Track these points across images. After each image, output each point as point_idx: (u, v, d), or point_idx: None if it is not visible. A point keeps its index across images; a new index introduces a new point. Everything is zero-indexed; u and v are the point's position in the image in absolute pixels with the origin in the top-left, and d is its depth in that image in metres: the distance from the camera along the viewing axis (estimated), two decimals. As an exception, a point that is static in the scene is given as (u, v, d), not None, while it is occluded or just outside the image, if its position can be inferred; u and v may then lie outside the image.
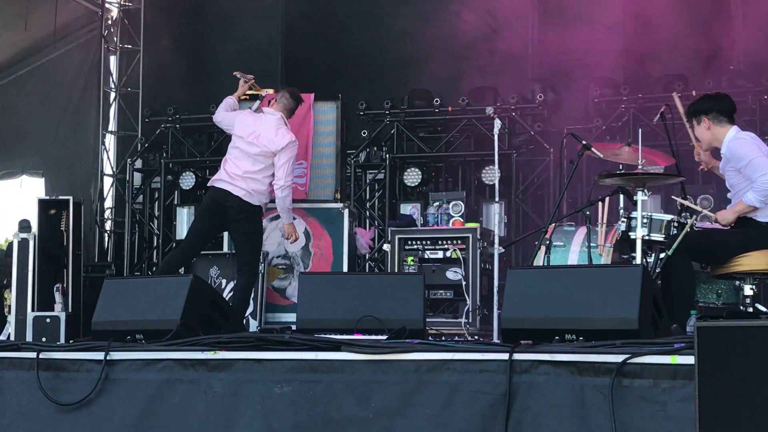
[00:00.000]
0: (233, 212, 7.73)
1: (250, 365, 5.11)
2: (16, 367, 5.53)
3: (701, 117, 6.50)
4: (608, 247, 6.68)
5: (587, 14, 10.49)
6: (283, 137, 7.78)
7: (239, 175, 7.75)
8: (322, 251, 8.51)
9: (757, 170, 6.15)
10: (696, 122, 6.56)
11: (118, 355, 5.34)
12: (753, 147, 6.28)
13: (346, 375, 4.96)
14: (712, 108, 6.50)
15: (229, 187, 7.75)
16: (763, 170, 6.13)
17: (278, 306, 8.46)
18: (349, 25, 11.27)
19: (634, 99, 9.87)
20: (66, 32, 11.75)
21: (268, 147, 7.75)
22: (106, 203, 11.94)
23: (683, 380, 4.33)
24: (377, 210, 10.75)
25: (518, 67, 10.77)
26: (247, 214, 7.75)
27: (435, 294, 7.99)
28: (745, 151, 6.26)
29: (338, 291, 6.13)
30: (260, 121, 7.91)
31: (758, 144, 6.38)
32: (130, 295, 6.01)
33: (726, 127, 6.45)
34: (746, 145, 6.30)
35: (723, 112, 6.49)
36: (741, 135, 6.41)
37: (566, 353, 4.62)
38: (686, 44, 9.87)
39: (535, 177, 10.18)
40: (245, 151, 7.80)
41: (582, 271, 5.56)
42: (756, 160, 6.18)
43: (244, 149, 7.81)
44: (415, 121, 10.72)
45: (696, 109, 6.56)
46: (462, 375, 4.76)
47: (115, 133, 12.14)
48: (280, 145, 7.73)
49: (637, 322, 4.82)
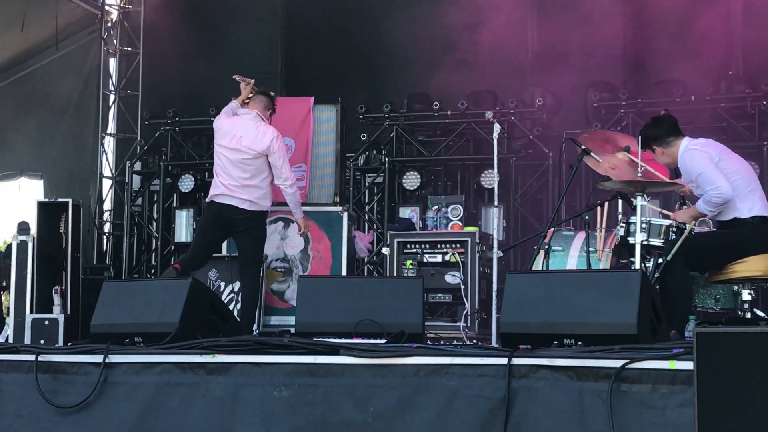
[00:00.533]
0: (242, 224, 7.69)
1: (248, 369, 5.10)
2: (14, 370, 5.52)
3: (652, 146, 6.55)
4: (607, 252, 6.68)
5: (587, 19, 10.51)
6: (264, 134, 7.71)
7: (238, 186, 7.68)
8: (321, 254, 8.52)
9: (707, 183, 6.23)
10: (652, 152, 6.58)
11: (117, 358, 5.33)
12: (703, 159, 6.31)
13: (345, 379, 4.95)
14: (657, 135, 6.55)
15: (232, 201, 7.67)
16: (713, 183, 6.19)
17: (277, 309, 8.46)
18: (349, 28, 11.28)
19: (633, 104, 9.89)
20: (66, 34, 11.75)
21: (253, 148, 7.69)
22: (104, 205, 11.94)
23: (682, 385, 4.34)
24: (376, 213, 10.75)
25: (517, 71, 10.78)
26: (256, 222, 7.73)
27: (434, 297, 7.99)
28: (695, 165, 6.32)
29: (337, 294, 6.12)
30: (237, 124, 7.84)
31: (709, 151, 6.36)
32: (128, 298, 6.01)
33: (676, 145, 6.49)
34: (696, 157, 6.34)
35: (666, 133, 6.53)
36: (691, 146, 6.43)
37: (565, 358, 4.62)
38: (685, 49, 9.88)
39: (534, 181, 10.19)
40: (231, 159, 7.72)
41: (581, 275, 5.56)
42: (705, 174, 6.25)
43: (231, 157, 7.73)
44: (414, 125, 10.73)
45: (644, 141, 6.55)
46: (461, 379, 4.75)
47: (115, 135, 12.14)
48: (265, 144, 7.67)
49: (635, 327, 4.82)
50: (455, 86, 10.60)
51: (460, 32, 10.39)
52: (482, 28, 10.52)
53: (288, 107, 8.69)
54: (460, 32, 10.39)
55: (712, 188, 6.19)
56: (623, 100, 9.93)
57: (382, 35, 11.20)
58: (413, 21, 10.97)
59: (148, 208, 11.50)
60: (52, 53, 11.74)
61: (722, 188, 6.18)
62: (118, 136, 12.13)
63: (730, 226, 6.35)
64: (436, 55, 10.80)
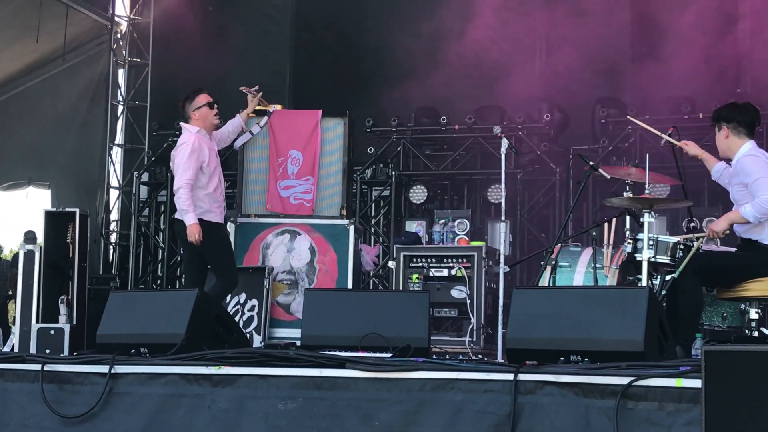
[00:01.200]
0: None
1: (254, 381, 5.10)
2: (20, 379, 5.52)
3: (722, 124, 6.46)
4: (614, 269, 6.67)
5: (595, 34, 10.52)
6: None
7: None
8: (327, 267, 8.51)
9: (762, 189, 6.13)
10: (717, 129, 6.52)
11: (123, 369, 5.33)
12: (764, 166, 6.25)
13: (351, 392, 4.94)
14: (734, 117, 6.46)
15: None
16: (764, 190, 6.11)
17: (282, 321, 8.45)
18: (357, 42, 11.30)
19: (641, 120, 9.86)
20: (75, 45, 11.79)
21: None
22: (111, 216, 11.95)
23: (688, 403, 4.32)
24: (382, 227, 10.76)
25: (525, 86, 10.79)
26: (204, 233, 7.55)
27: (439, 312, 7.99)
28: (756, 169, 6.23)
29: (343, 307, 6.11)
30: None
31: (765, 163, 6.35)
32: (135, 308, 6.01)
33: (743, 140, 6.41)
34: (758, 162, 6.27)
35: (744, 123, 6.44)
36: (755, 152, 6.37)
37: (571, 374, 4.61)
38: (693, 66, 9.89)
39: (541, 196, 10.20)
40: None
41: (588, 292, 5.55)
42: (763, 180, 6.16)
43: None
44: (421, 139, 10.75)
45: (719, 115, 6.51)
46: (466, 394, 4.74)
47: (122, 146, 12.17)
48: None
49: (642, 344, 4.81)
50: (463, 101, 10.62)
51: (469, 47, 10.40)
52: (490, 43, 10.54)
53: (296, 120, 8.71)
54: (469, 47, 10.40)
55: (765, 194, 6.08)
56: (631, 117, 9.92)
57: (390, 49, 11.21)
58: (421, 35, 10.99)
59: (155, 218, 11.53)
60: (61, 64, 11.78)
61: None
62: (125, 146, 12.15)
63: (749, 246, 6.30)
64: (444, 70, 10.81)
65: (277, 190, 8.60)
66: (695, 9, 10.02)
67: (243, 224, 8.55)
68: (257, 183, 8.68)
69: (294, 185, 8.63)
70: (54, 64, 11.82)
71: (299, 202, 8.59)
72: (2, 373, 5.57)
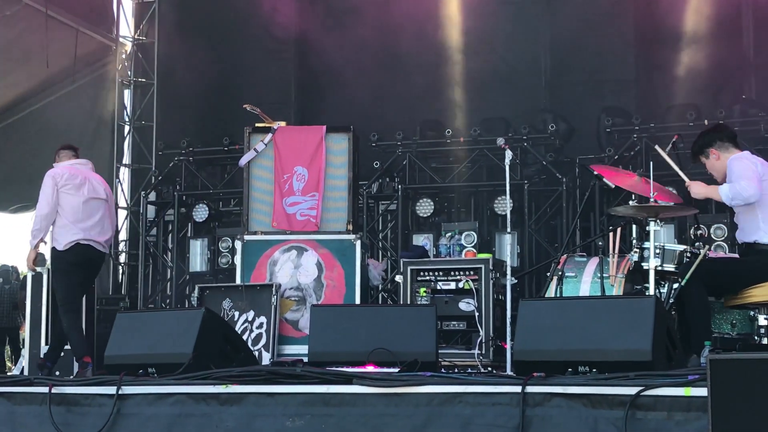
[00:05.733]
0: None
1: (262, 399, 5.09)
2: (28, 402, 5.52)
3: (708, 150, 6.47)
4: (620, 278, 6.64)
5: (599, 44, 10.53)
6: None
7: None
8: (335, 283, 8.49)
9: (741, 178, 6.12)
10: (705, 158, 6.52)
11: (130, 390, 5.33)
12: (747, 165, 6.24)
13: (359, 408, 4.93)
14: (714, 138, 6.49)
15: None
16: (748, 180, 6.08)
17: (291, 338, 8.42)
18: (360, 57, 11.32)
19: (646, 128, 9.88)
20: (81, 66, 11.84)
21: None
22: (120, 236, 11.97)
23: (697, 412, 4.31)
24: (390, 241, 10.76)
25: (530, 97, 10.80)
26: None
27: (447, 325, 7.95)
28: (738, 167, 6.23)
29: (350, 323, 6.11)
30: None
31: (756, 163, 6.30)
32: (142, 329, 6.01)
33: (734, 152, 6.43)
34: (742, 162, 6.27)
35: (726, 138, 6.46)
36: (742, 155, 6.38)
37: (579, 385, 4.60)
38: (698, 73, 9.89)
39: (548, 207, 10.18)
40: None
41: (595, 302, 5.54)
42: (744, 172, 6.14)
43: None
44: (426, 152, 10.75)
45: (700, 145, 6.52)
46: (474, 408, 4.73)
47: (129, 166, 12.21)
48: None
49: (650, 353, 4.80)
50: (467, 113, 10.63)
51: (472, 59, 10.43)
52: (495, 55, 10.56)
53: (301, 136, 8.70)
54: (472, 59, 10.43)
55: (746, 183, 6.07)
56: (636, 125, 9.92)
57: (393, 63, 11.25)
58: (425, 49, 11.02)
59: (163, 238, 11.54)
60: (68, 85, 11.83)
61: (753, 188, 6.06)
62: (132, 166, 12.19)
63: (751, 251, 6.28)
64: (448, 83, 10.83)
65: (282, 207, 8.59)
66: (699, 17, 10.03)
67: (249, 242, 8.53)
68: (263, 200, 8.66)
69: (300, 201, 8.61)
70: (60, 85, 11.87)
71: (305, 219, 8.57)
72: (10, 396, 5.58)
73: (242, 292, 8.40)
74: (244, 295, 8.35)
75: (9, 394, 5.58)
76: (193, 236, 11.09)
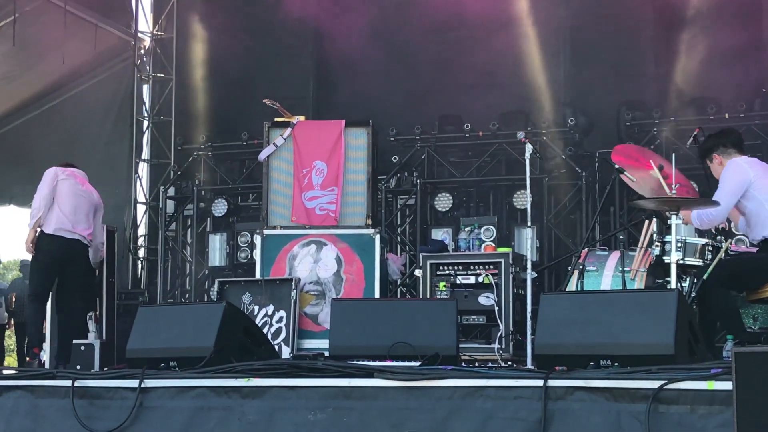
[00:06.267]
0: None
1: (283, 392, 5.10)
2: (51, 395, 5.55)
3: (711, 155, 6.49)
4: (641, 272, 6.62)
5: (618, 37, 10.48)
6: None
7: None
8: (354, 277, 8.50)
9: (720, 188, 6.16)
10: (709, 162, 6.52)
11: (152, 383, 5.35)
12: (734, 175, 6.22)
13: (380, 402, 4.94)
14: (719, 143, 6.50)
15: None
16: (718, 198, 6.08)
17: (310, 332, 8.44)
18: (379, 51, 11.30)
19: (666, 122, 9.83)
20: (99, 61, 11.88)
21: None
22: (139, 231, 12.01)
23: (720, 406, 4.29)
24: (408, 235, 10.75)
25: (549, 90, 10.76)
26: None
27: (467, 319, 7.95)
28: (725, 174, 6.25)
29: (370, 317, 6.11)
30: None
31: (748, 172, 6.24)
32: (163, 323, 6.03)
33: (735, 157, 6.42)
34: (732, 170, 6.26)
35: (730, 143, 6.48)
36: (736, 161, 6.35)
37: (601, 379, 4.58)
38: (718, 66, 9.82)
39: (567, 201, 10.15)
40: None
41: (617, 296, 5.52)
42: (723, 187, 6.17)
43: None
44: (445, 146, 10.74)
45: (705, 149, 6.54)
46: (496, 401, 4.72)
47: (148, 161, 12.24)
48: None
49: (673, 347, 4.78)
50: (486, 107, 10.60)
51: (491, 53, 10.39)
52: (513, 48, 10.53)
53: (319, 131, 8.71)
54: (491, 53, 10.39)
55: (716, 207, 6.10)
56: (656, 119, 9.88)
57: (411, 57, 11.23)
58: (443, 43, 11.00)
59: (182, 232, 11.58)
60: (87, 80, 11.87)
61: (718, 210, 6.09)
62: (151, 161, 12.22)
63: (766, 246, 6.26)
64: (467, 76, 10.81)
65: (302, 202, 8.61)
66: (718, 9, 9.97)
67: (269, 236, 8.55)
68: (282, 195, 8.68)
69: (319, 196, 8.63)
70: (79, 81, 11.91)
71: (324, 213, 8.58)
72: (33, 389, 5.61)
73: (262, 287, 8.43)
74: (264, 290, 8.37)
75: (32, 388, 5.62)
76: (212, 231, 11.11)
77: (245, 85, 11.56)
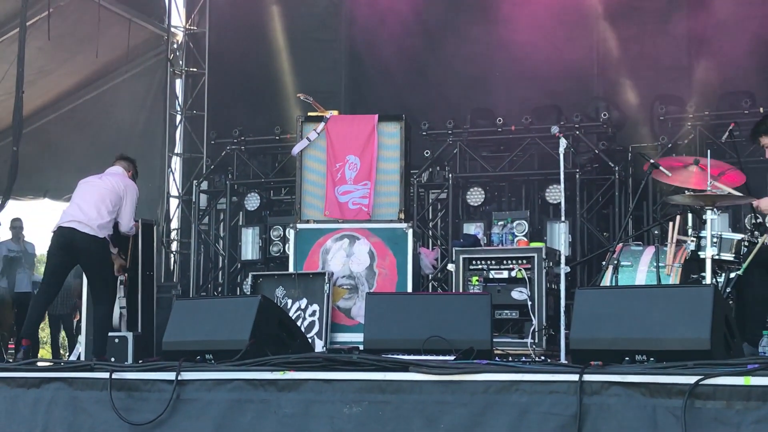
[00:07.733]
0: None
1: (318, 385, 5.13)
2: (89, 387, 5.61)
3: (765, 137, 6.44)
4: (676, 267, 6.59)
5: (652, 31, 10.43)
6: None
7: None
8: (387, 271, 8.51)
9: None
10: (760, 144, 6.48)
11: (189, 375, 5.39)
12: None
13: (415, 395, 4.95)
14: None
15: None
16: None
17: (343, 326, 8.47)
18: (411, 46, 11.31)
19: (701, 116, 9.76)
20: (133, 56, 11.97)
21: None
22: (172, 224, 12.10)
23: (757, 402, 4.28)
24: (440, 230, 10.76)
25: (582, 85, 10.72)
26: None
27: (500, 314, 7.94)
28: None
29: (405, 311, 6.13)
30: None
31: None
32: (199, 316, 6.08)
33: None
34: None
35: None
36: None
37: (637, 374, 4.57)
38: (752, 60, 9.75)
39: (600, 196, 10.12)
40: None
41: (652, 291, 5.50)
42: None
43: None
44: (477, 141, 10.72)
45: (756, 131, 6.50)
46: (531, 396, 4.72)
47: (181, 155, 12.33)
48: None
49: (709, 342, 4.76)
50: (519, 101, 10.58)
51: (523, 47, 10.36)
52: (545, 42, 10.49)
53: (353, 125, 8.73)
54: (523, 47, 10.36)
55: None
56: (690, 113, 9.82)
57: (444, 52, 11.22)
58: (475, 37, 10.98)
59: (215, 226, 11.65)
60: (120, 74, 11.96)
61: None
62: (184, 155, 12.30)
63: None
64: (499, 71, 10.79)
65: (335, 196, 8.63)
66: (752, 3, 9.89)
67: (302, 230, 8.58)
68: (315, 189, 8.71)
69: (352, 190, 8.64)
70: (113, 75, 12.02)
71: (357, 207, 8.60)
72: (72, 381, 5.67)
73: (295, 280, 8.46)
74: (297, 283, 8.41)
75: (70, 380, 5.68)
76: (244, 225, 11.17)
77: (278, 79, 11.60)
